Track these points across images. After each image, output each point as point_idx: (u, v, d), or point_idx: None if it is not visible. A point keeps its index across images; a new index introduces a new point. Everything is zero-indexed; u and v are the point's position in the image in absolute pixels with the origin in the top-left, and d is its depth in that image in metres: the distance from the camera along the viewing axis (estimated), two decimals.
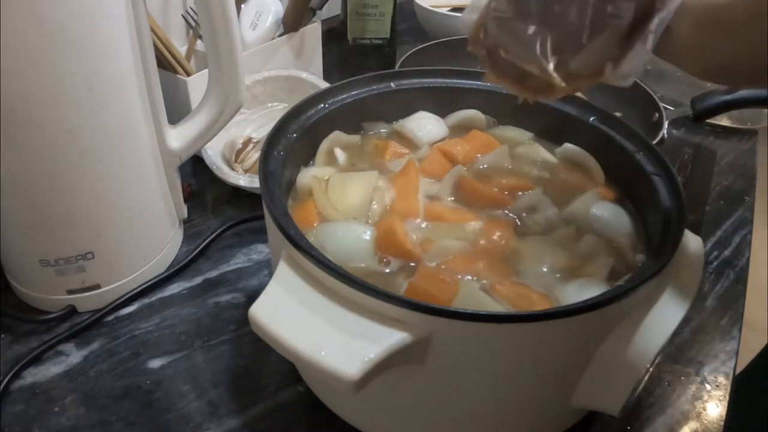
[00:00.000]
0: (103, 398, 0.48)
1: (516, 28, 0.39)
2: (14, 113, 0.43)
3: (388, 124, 0.56)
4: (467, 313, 0.33)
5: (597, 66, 0.37)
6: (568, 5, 0.36)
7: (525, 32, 0.38)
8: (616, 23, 0.35)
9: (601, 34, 0.36)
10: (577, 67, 0.38)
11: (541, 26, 0.38)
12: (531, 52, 0.38)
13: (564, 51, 0.37)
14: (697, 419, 0.47)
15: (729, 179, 0.76)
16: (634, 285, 0.35)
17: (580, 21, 0.36)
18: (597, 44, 0.36)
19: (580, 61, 0.37)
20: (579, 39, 0.37)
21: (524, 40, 0.38)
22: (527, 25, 0.38)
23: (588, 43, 0.36)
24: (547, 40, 0.38)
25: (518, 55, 0.39)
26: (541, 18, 0.38)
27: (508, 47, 0.40)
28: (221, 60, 0.53)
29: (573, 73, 0.38)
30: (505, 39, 0.40)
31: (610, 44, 0.36)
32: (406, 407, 0.40)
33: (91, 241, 0.51)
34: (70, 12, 0.42)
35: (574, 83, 0.39)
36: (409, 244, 0.43)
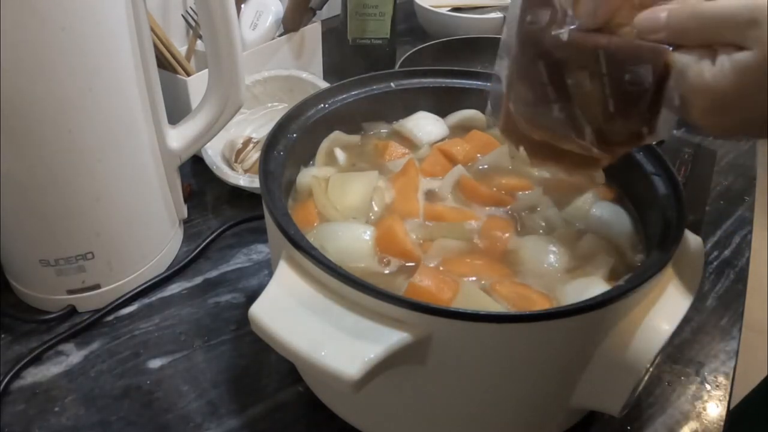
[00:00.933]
0: (103, 398, 0.48)
1: (543, 111, 0.38)
2: (14, 113, 0.43)
3: (388, 124, 0.56)
4: (467, 313, 0.33)
5: (633, 131, 0.37)
6: (582, 80, 0.36)
7: (552, 113, 0.38)
8: (638, 90, 0.35)
9: (626, 102, 0.36)
10: (613, 137, 0.37)
11: (565, 103, 0.37)
12: (564, 130, 0.38)
13: (595, 122, 0.37)
14: (697, 419, 0.47)
15: (729, 179, 0.76)
16: (634, 285, 0.35)
17: (602, 92, 0.36)
18: (626, 112, 0.36)
19: (614, 130, 0.37)
20: (606, 109, 0.36)
21: (554, 121, 0.38)
22: (552, 105, 0.38)
23: (616, 112, 0.36)
24: (576, 116, 0.37)
25: (553, 136, 0.39)
26: (562, 95, 0.37)
27: (541, 130, 0.40)
28: (221, 60, 0.53)
29: (611, 142, 0.38)
30: (536, 122, 0.39)
31: (640, 109, 0.36)
32: (407, 407, 0.40)
33: (91, 241, 0.51)
34: (71, 12, 0.42)
35: (614, 151, 0.39)
36: (409, 244, 0.43)
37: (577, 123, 0.38)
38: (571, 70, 0.36)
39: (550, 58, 0.36)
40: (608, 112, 0.36)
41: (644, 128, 0.36)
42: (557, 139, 0.39)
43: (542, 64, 0.37)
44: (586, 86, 0.36)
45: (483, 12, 1.07)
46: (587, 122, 0.37)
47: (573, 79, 0.36)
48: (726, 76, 0.31)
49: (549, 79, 0.37)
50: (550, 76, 0.37)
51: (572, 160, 0.41)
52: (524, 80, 0.39)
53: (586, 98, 0.36)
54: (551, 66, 0.37)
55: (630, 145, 0.39)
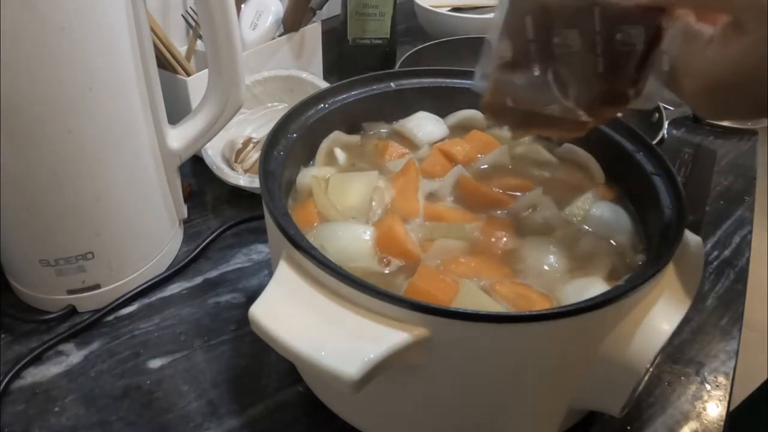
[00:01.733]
0: (103, 398, 0.48)
1: (524, 73, 0.37)
2: (14, 113, 0.43)
3: (388, 124, 0.56)
4: (467, 313, 0.33)
5: (620, 93, 0.36)
6: (571, 38, 0.35)
7: (533, 74, 0.37)
8: (628, 50, 0.34)
9: (615, 63, 0.35)
10: (599, 98, 0.37)
11: (548, 64, 0.36)
12: (547, 94, 0.37)
13: (581, 84, 0.36)
14: (697, 419, 0.47)
15: (729, 179, 0.76)
16: (634, 285, 0.35)
17: (590, 52, 0.35)
18: (614, 74, 0.35)
19: (600, 92, 0.36)
20: (594, 70, 0.35)
21: (536, 84, 0.37)
22: (533, 66, 0.37)
23: (604, 72, 0.35)
24: (560, 76, 0.36)
25: (536, 101, 0.38)
26: (546, 55, 0.36)
27: (524, 97, 0.39)
28: (221, 60, 0.53)
29: (596, 104, 0.37)
30: (518, 89, 0.38)
31: (628, 71, 0.35)
32: (406, 407, 0.40)
33: (91, 241, 0.51)
34: (70, 12, 0.42)
35: (600, 115, 0.38)
36: (409, 244, 0.43)
37: (560, 84, 0.37)
38: (560, 27, 0.35)
39: (542, 13, 0.36)
40: (596, 72, 0.35)
41: (631, 90, 0.36)
42: (540, 105, 0.38)
43: (530, 18, 0.36)
44: (575, 45, 0.35)
45: (483, 12, 1.07)
46: (572, 83, 0.36)
47: (560, 37, 0.35)
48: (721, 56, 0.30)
49: (534, 35, 0.36)
50: (537, 32, 0.36)
51: (560, 125, 0.40)
52: (511, 37, 0.38)
53: (573, 58, 0.36)
54: (540, 22, 0.36)
55: (616, 108, 0.38)
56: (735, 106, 0.32)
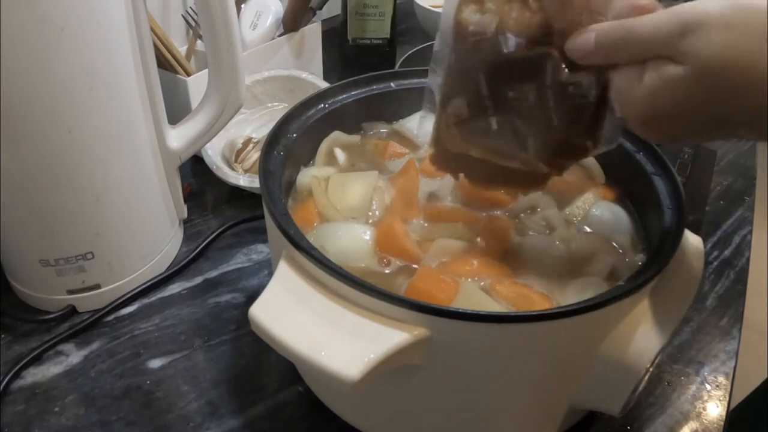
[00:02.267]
0: (103, 398, 0.48)
1: (481, 127, 0.37)
2: (14, 113, 0.43)
3: (388, 124, 0.56)
4: (467, 313, 0.33)
5: (577, 144, 0.36)
6: (524, 91, 0.35)
7: (490, 128, 0.37)
8: (581, 102, 0.34)
9: (570, 114, 0.35)
10: (557, 151, 0.37)
11: (505, 117, 0.36)
12: (504, 145, 0.37)
13: (538, 136, 0.36)
14: (697, 419, 0.47)
15: (729, 179, 0.76)
16: (634, 285, 0.35)
17: (544, 105, 0.35)
18: (569, 125, 0.35)
19: (558, 143, 0.36)
20: (549, 121, 0.35)
21: (493, 137, 0.37)
22: (490, 119, 0.36)
23: (559, 125, 0.35)
24: (517, 129, 0.36)
25: (492, 152, 0.38)
26: (501, 108, 0.36)
27: (479, 147, 0.38)
28: (221, 60, 0.53)
29: (555, 156, 0.37)
30: (474, 142, 0.38)
31: (583, 122, 0.35)
32: (407, 407, 0.40)
33: (91, 241, 0.51)
34: (70, 12, 0.42)
35: (560, 166, 0.38)
36: (409, 244, 0.43)
37: (518, 137, 0.36)
38: (513, 82, 0.35)
39: (493, 70, 0.35)
40: (552, 125, 0.35)
41: (588, 141, 0.36)
42: (497, 155, 0.38)
43: (482, 76, 0.36)
44: (530, 99, 0.35)
45: None
46: (529, 135, 0.36)
47: (515, 92, 0.35)
48: (656, 88, 0.30)
49: (489, 91, 0.36)
50: (491, 88, 0.36)
51: (516, 181, 0.40)
52: (461, 93, 0.37)
53: (528, 111, 0.35)
54: (492, 78, 0.35)
55: (575, 159, 0.38)
56: (678, 133, 0.32)
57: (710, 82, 0.29)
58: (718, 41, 0.28)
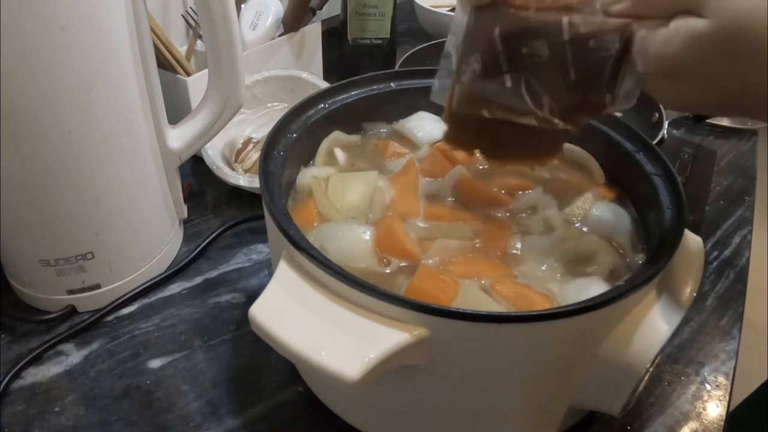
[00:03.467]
0: (103, 398, 0.48)
1: (495, 85, 0.37)
2: (14, 113, 0.43)
3: (388, 124, 0.56)
4: (467, 313, 0.33)
5: (595, 99, 0.36)
6: (541, 48, 0.35)
7: (505, 85, 0.36)
8: (602, 57, 0.34)
9: (589, 71, 0.34)
10: (574, 107, 0.36)
11: (520, 74, 0.36)
12: (519, 102, 0.37)
13: (553, 92, 0.36)
14: (697, 419, 0.47)
15: (729, 179, 0.76)
16: (634, 285, 0.35)
17: (562, 60, 0.34)
18: (588, 82, 0.35)
19: (575, 99, 0.36)
20: (567, 77, 0.35)
21: (508, 94, 0.36)
22: (505, 76, 0.36)
23: (577, 80, 0.35)
24: (532, 87, 0.36)
25: (507, 110, 0.37)
26: (516, 66, 0.36)
27: (495, 106, 0.38)
28: (221, 60, 0.53)
29: (572, 112, 0.36)
30: (489, 100, 0.38)
31: (603, 77, 0.34)
32: (407, 407, 0.40)
33: (91, 241, 0.51)
34: (70, 12, 0.42)
35: (577, 122, 0.37)
36: (409, 244, 0.43)
37: (534, 93, 0.36)
38: (528, 39, 0.35)
39: (509, 29, 0.35)
40: (569, 80, 0.35)
41: (607, 96, 0.35)
42: (512, 113, 0.38)
43: (498, 32, 0.35)
44: (544, 53, 0.35)
45: None
46: (544, 92, 0.36)
47: (529, 48, 0.35)
48: (677, 41, 0.30)
49: (504, 48, 0.35)
50: (506, 43, 0.35)
51: (532, 149, 0.40)
52: (476, 51, 0.37)
53: (545, 67, 0.35)
54: (509, 35, 0.35)
55: (592, 114, 0.37)
56: (696, 97, 0.32)
57: (733, 42, 0.28)
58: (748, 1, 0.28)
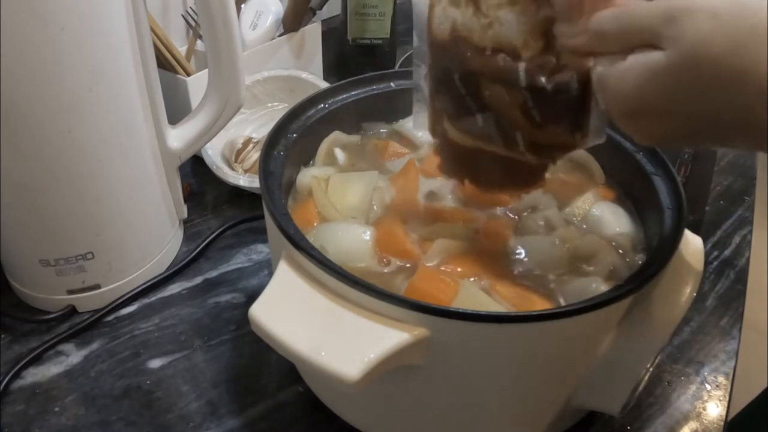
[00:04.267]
0: (103, 398, 0.48)
1: (469, 122, 0.37)
2: (14, 113, 0.43)
3: (388, 124, 0.56)
4: (467, 313, 0.33)
5: (565, 138, 0.35)
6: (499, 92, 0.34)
7: (477, 123, 0.36)
8: (563, 99, 0.33)
9: (552, 110, 0.34)
10: (544, 144, 0.36)
11: (488, 113, 0.35)
12: (495, 139, 0.36)
13: (523, 131, 0.35)
14: (697, 419, 0.47)
15: (729, 179, 0.76)
16: (634, 285, 0.35)
17: (524, 104, 0.34)
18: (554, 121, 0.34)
19: (545, 137, 0.35)
20: (532, 119, 0.34)
21: (483, 130, 0.36)
22: (476, 115, 0.36)
23: (543, 121, 0.34)
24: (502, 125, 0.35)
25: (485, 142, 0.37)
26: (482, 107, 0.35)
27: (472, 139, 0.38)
28: (221, 60, 0.53)
29: (544, 148, 0.36)
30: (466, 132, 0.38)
31: (568, 116, 0.34)
32: (406, 407, 0.40)
33: (91, 241, 0.51)
34: (70, 12, 0.42)
35: (548, 156, 0.37)
36: (409, 244, 0.43)
37: (505, 132, 0.36)
38: (486, 82, 0.34)
39: (465, 71, 0.34)
40: (534, 122, 0.34)
41: (577, 134, 0.35)
42: (491, 146, 0.37)
43: (457, 76, 0.35)
44: (505, 98, 0.34)
45: None
46: (514, 129, 0.35)
47: (490, 91, 0.34)
48: (633, 75, 0.29)
49: (466, 91, 0.35)
50: (467, 87, 0.35)
51: (517, 178, 0.40)
52: (442, 92, 0.37)
53: (508, 109, 0.34)
54: (466, 78, 0.35)
55: (564, 151, 0.37)
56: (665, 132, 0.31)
57: (696, 72, 0.27)
58: (705, 28, 0.27)
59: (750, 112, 0.27)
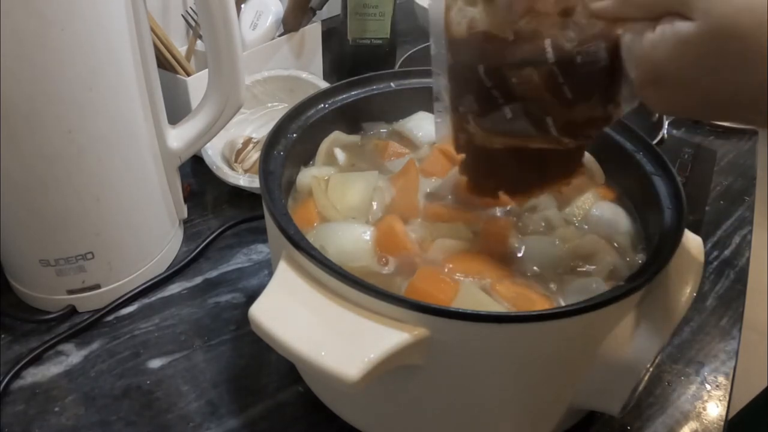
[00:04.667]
0: (103, 398, 0.48)
1: (497, 117, 0.36)
2: (14, 113, 0.43)
3: (388, 124, 0.56)
4: (467, 313, 0.33)
5: (599, 111, 0.35)
6: (529, 74, 0.34)
7: (506, 116, 0.36)
8: (594, 69, 0.33)
9: (583, 84, 0.34)
10: (578, 122, 0.35)
11: (516, 103, 0.35)
12: (525, 130, 0.36)
13: (554, 113, 0.35)
14: (697, 419, 0.48)
15: (729, 179, 0.76)
16: (634, 285, 0.35)
17: (554, 82, 0.33)
18: (586, 95, 0.34)
19: (578, 115, 0.35)
20: (563, 96, 0.34)
21: (512, 123, 0.36)
22: (503, 108, 0.35)
23: (574, 97, 0.34)
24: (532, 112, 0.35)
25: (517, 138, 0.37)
26: (511, 96, 0.35)
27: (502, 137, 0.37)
28: (221, 60, 0.53)
29: (578, 129, 0.36)
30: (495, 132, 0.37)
31: (600, 88, 0.34)
32: (407, 407, 0.40)
33: (91, 241, 0.51)
34: (70, 12, 0.42)
35: (586, 136, 0.36)
36: (409, 244, 0.43)
37: (536, 119, 0.35)
38: (514, 69, 0.34)
39: (491, 61, 0.34)
40: (566, 99, 0.34)
41: (609, 105, 0.34)
42: (522, 139, 0.37)
43: (482, 68, 0.35)
44: (534, 80, 0.34)
45: None
46: (546, 114, 0.35)
47: (518, 77, 0.34)
48: (664, 44, 0.29)
49: (493, 83, 0.35)
50: (493, 79, 0.35)
51: (554, 172, 0.40)
52: (465, 92, 0.37)
53: (537, 92, 0.34)
54: (492, 68, 0.35)
55: (600, 126, 0.36)
56: (685, 103, 0.31)
57: (722, 44, 0.27)
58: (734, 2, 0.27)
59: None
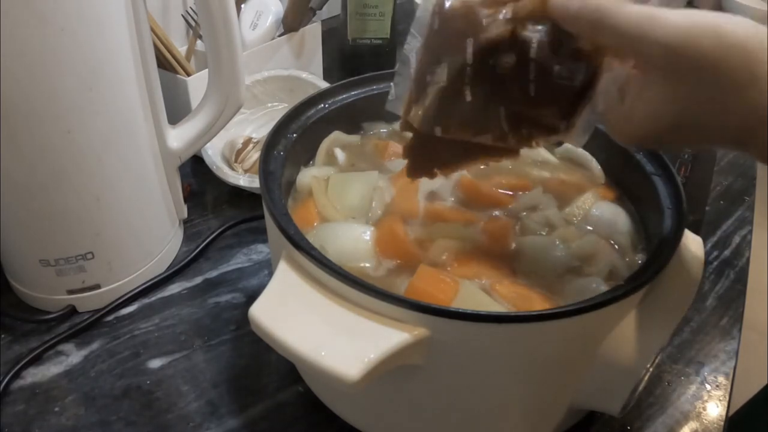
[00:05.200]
0: (103, 398, 0.48)
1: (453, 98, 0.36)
2: (14, 113, 0.43)
3: (388, 124, 0.56)
4: (467, 313, 0.33)
5: (549, 121, 0.35)
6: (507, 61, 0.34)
7: (465, 98, 0.36)
8: (564, 84, 0.33)
9: (549, 92, 0.34)
10: (528, 122, 0.36)
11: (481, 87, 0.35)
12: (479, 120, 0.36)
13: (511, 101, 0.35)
14: (697, 419, 0.48)
15: (729, 179, 0.76)
16: (634, 285, 0.35)
17: (525, 76, 0.34)
18: (547, 102, 0.35)
19: (530, 116, 0.36)
20: (526, 92, 0.34)
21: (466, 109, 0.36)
22: (464, 89, 0.36)
23: (536, 98, 0.34)
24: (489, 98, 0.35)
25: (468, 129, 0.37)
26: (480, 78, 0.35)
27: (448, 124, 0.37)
28: (221, 60, 0.53)
29: (526, 128, 0.36)
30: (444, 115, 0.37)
31: (561, 104, 0.34)
32: (406, 407, 0.40)
33: (91, 241, 0.51)
34: (70, 12, 0.42)
35: (528, 141, 0.37)
36: (409, 244, 0.43)
37: (490, 108, 0.36)
38: (500, 53, 0.34)
39: (485, 41, 0.34)
40: (527, 94, 0.35)
41: (563, 122, 0.35)
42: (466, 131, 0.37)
43: (470, 42, 0.35)
44: (509, 68, 0.34)
45: None
46: (502, 104, 0.36)
47: (497, 61, 0.34)
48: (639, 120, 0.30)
49: (473, 59, 0.35)
50: (476, 55, 0.35)
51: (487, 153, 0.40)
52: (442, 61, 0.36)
53: (509, 80, 0.35)
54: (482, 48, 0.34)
55: (544, 137, 0.37)
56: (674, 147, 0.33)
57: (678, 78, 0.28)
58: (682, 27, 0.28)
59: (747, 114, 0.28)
